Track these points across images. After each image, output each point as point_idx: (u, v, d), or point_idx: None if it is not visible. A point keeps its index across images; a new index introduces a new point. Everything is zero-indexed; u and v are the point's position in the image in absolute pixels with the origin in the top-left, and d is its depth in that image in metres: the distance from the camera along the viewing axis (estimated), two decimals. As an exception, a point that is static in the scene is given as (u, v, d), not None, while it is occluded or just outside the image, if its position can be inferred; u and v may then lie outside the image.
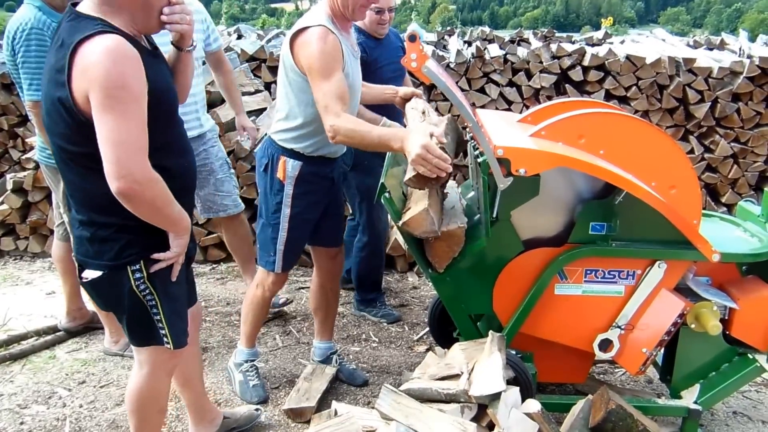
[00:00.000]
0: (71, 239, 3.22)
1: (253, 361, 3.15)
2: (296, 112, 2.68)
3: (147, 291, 2.02)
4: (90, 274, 2.01)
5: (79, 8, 1.88)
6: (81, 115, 1.80)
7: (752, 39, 5.90)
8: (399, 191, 2.75)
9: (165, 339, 2.10)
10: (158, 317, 2.07)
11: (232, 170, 3.71)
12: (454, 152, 2.60)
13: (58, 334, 3.61)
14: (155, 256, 2.00)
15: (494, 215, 2.50)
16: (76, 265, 2.08)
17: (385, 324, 3.87)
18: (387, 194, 2.50)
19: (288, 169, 2.72)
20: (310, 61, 2.50)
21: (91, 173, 1.84)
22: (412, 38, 2.27)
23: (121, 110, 1.76)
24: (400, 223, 2.42)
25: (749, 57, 4.87)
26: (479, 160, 2.58)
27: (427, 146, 2.21)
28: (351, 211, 3.97)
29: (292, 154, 2.72)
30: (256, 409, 2.83)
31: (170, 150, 2.02)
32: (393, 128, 2.56)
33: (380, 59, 3.56)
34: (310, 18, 2.59)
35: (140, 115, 1.80)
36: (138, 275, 2.00)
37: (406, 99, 2.96)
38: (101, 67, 1.73)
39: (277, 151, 2.75)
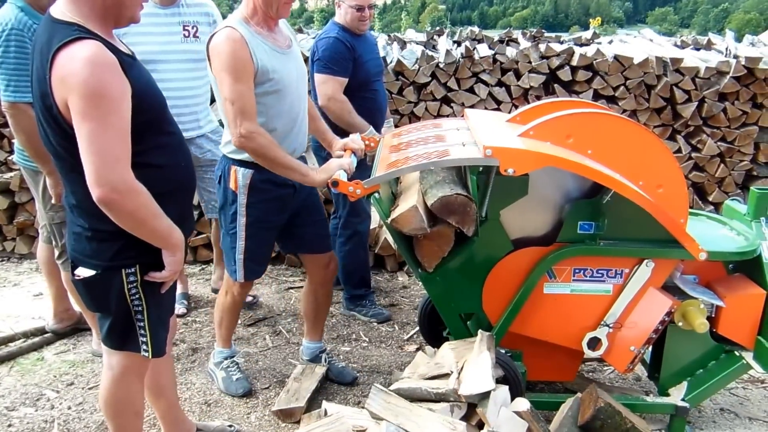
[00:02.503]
0: (56, 236, 3.21)
1: (232, 357, 3.16)
2: None
3: (137, 296, 2.00)
4: (83, 272, 1.99)
5: (54, 13, 1.84)
6: (65, 123, 1.78)
7: (739, 39, 5.94)
8: (388, 191, 2.76)
9: (144, 347, 2.07)
10: (142, 323, 2.04)
11: None
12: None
13: (45, 335, 3.59)
14: (150, 275, 1.99)
15: (483, 215, 2.51)
16: (69, 261, 2.05)
17: (375, 323, 3.87)
18: (377, 194, 2.50)
19: (239, 178, 2.71)
20: (221, 61, 2.49)
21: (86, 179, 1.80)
22: (335, 184, 2.43)
23: (101, 119, 1.73)
24: (389, 220, 2.43)
25: (735, 57, 4.91)
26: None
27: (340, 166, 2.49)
28: (334, 209, 3.98)
29: (242, 163, 2.71)
30: (230, 426, 2.77)
31: (164, 149, 2.00)
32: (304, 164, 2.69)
33: (364, 54, 3.63)
34: (222, 23, 2.61)
35: (121, 124, 1.78)
36: (132, 278, 1.98)
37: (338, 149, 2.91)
38: (79, 75, 1.71)
39: (228, 162, 2.75)
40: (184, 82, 3.44)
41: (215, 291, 4.15)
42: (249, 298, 4.00)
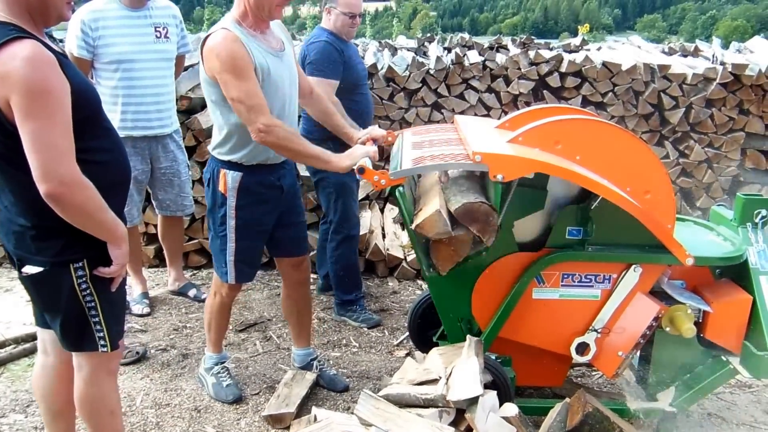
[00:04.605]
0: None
1: (223, 363, 3.16)
2: (221, 123, 2.69)
3: (87, 291, 2.00)
4: (30, 269, 1.99)
5: None
6: (7, 122, 1.80)
7: (725, 46, 6.01)
8: (409, 192, 2.74)
9: (102, 341, 2.07)
10: (96, 319, 2.04)
11: (191, 173, 4.07)
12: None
13: (36, 341, 3.56)
14: (98, 270, 1.99)
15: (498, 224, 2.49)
16: (15, 260, 2.04)
17: (366, 329, 3.87)
18: (401, 188, 2.48)
19: (228, 181, 2.72)
20: (221, 62, 2.49)
21: (30, 177, 1.82)
22: (361, 171, 2.42)
23: (46, 115, 1.77)
24: (413, 225, 2.40)
25: (722, 64, 4.97)
26: None
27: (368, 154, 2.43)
28: (324, 215, 3.98)
29: (231, 165, 2.72)
30: None
31: (103, 145, 2.02)
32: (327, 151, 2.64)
33: (353, 57, 3.72)
34: (215, 26, 2.63)
35: (65, 119, 1.81)
36: (81, 273, 1.98)
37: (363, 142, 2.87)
38: (21, 74, 1.74)
39: (216, 165, 2.77)
40: (158, 80, 3.64)
41: (175, 293, 4.23)
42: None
